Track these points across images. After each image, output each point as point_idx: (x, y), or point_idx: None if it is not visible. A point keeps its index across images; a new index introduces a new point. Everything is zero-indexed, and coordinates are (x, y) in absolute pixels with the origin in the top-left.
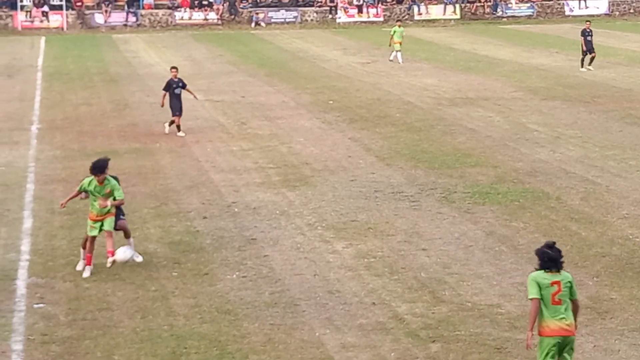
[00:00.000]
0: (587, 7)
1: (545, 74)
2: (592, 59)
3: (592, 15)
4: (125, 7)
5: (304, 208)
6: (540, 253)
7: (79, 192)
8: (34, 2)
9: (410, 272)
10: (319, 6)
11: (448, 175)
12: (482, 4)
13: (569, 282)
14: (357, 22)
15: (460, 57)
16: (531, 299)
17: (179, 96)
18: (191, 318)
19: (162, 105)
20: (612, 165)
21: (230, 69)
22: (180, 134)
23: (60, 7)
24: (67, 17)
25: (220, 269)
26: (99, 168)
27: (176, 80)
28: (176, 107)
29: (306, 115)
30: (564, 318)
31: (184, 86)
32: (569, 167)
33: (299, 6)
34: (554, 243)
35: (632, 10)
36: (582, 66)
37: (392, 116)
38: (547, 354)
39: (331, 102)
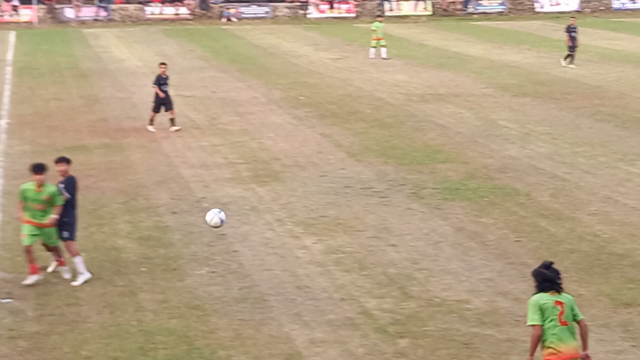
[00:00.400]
0: (557, 4)
1: (515, 71)
2: (572, 57)
3: (563, 12)
4: (96, 2)
5: (274, 204)
6: (536, 274)
7: (22, 202)
8: None
9: (379, 267)
10: (291, 1)
11: (418, 172)
12: (454, 0)
13: (571, 302)
14: (328, 17)
15: (431, 54)
16: (532, 325)
17: (165, 92)
18: (160, 313)
19: (163, 96)
20: (582, 162)
21: (201, 65)
22: (151, 129)
23: (30, 1)
24: (37, 11)
25: (189, 264)
26: (37, 166)
27: (164, 77)
28: (158, 104)
29: (277, 111)
30: (571, 340)
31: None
32: (539, 163)
33: (270, 1)
34: (552, 263)
35: (602, 7)
36: (564, 59)
37: (363, 112)
38: None
39: (302, 97)
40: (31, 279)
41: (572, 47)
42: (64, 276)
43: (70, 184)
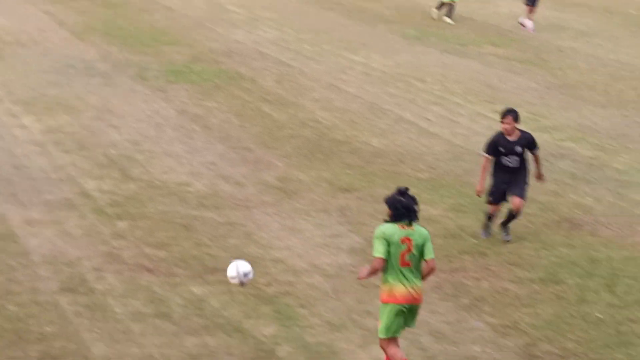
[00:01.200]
0: None
1: None
2: None
3: None
4: None
5: None
6: (390, 201)
7: None
8: None
9: (99, 148)
10: None
11: (143, 53)
12: None
13: (423, 238)
14: None
15: None
16: (375, 257)
17: None
18: None
19: None
20: (307, 49)
21: None
22: None
23: None
24: None
25: None
26: None
27: None
28: None
29: None
30: (413, 283)
31: None
32: (265, 49)
33: None
34: (407, 189)
35: None
36: None
37: None
38: (390, 324)
39: None
40: None
41: None
42: None
43: None
